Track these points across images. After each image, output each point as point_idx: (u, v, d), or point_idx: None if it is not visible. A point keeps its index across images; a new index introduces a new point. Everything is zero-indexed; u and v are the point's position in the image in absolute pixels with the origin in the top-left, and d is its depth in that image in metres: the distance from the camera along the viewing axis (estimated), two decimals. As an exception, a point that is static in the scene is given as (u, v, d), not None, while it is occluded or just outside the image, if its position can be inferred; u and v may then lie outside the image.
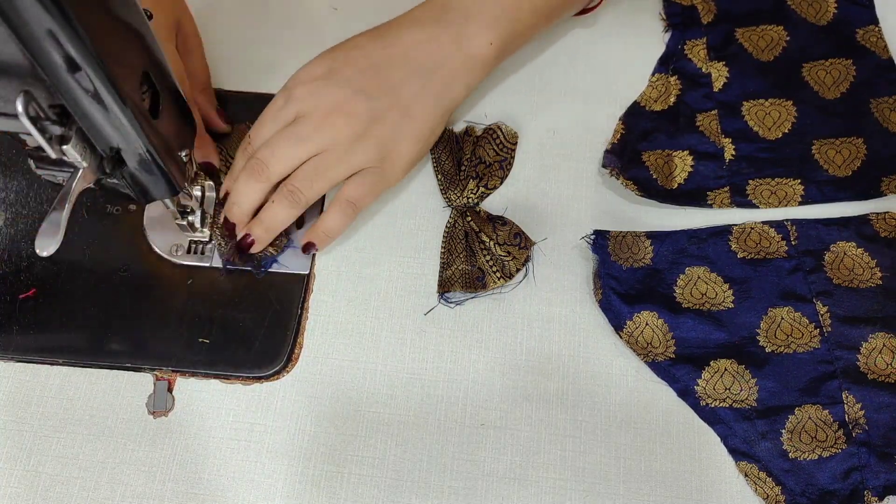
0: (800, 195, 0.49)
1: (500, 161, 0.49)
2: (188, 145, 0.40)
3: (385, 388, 0.44)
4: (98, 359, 0.44)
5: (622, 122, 0.52)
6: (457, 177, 0.48)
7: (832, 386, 0.44)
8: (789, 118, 0.52)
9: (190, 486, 0.42)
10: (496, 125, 0.50)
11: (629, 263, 0.47)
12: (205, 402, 0.44)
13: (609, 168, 0.49)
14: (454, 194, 0.48)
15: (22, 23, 0.26)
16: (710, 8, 0.56)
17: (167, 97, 0.36)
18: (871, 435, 0.43)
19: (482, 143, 0.49)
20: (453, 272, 0.46)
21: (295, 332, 0.45)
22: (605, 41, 0.55)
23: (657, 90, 0.53)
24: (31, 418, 0.43)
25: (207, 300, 0.46)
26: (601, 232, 0.47)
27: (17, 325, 0.44)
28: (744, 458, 0.43)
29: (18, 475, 0.42)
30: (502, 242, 0.46)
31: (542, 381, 0.45)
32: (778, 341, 0.45)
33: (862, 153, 0.50)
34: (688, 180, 0.50)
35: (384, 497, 0.42)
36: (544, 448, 0.43)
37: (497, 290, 0.46)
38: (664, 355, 0.45)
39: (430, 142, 0.47)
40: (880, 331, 0.45)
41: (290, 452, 0.43)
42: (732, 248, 0.48)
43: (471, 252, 0.47)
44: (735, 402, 0.44)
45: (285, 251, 0.47)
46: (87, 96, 0.30)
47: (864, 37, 0.55)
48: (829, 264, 0.47)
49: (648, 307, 0.45)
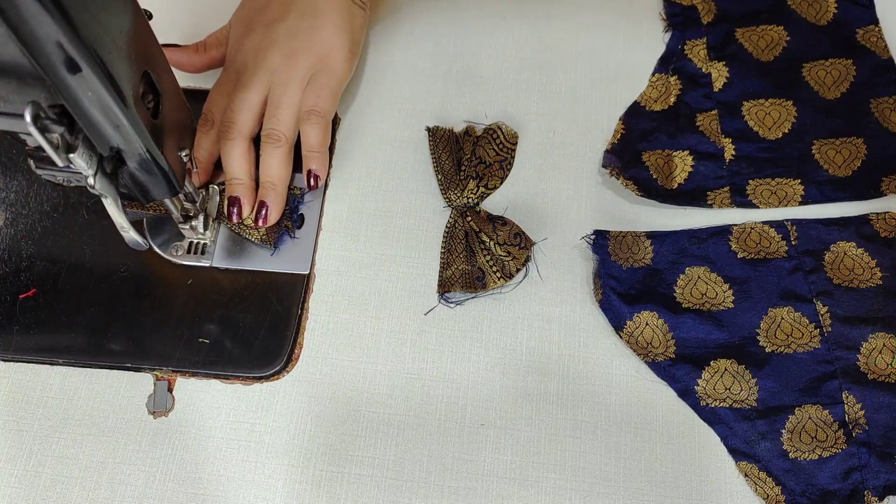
0: (800, 195, 0.49)
1: (500, 161, 0.49)
2: (188, 145, 0.40)
3: (385, 388, 0.44)
4: (98, 359, 0.44)
5: (622, 122, 0.52)
6: (457, 177, 0.48)
7: (832, 386, 0.44)
8: (789, 118, 0.52)
9: (190, 486, 0.42)
10: (496, 125, 0.50)
11: (629, 263, 0.47)
12: (205, 402, 0.44)
13: (609, 168, 0.49)
14: (454, 194, 0.48)
15: (22, 23, 0.26)
16: (710, 8, 0.56)
17: (167, 97, 0.36)
18: (870, 435, 0.43)
19: (482, 143, 0.49)
20: (453, 272, 0.46)
21: (295, 332, 0.45)
22: (605, 41, 0.55)
23: (657, 90, 0.53)
24: (31, 418, 0.43)
25: (207, 300, 0.46)
26: (601, 232, 0.47)
27: (17, 325, 0.44)
28: (744, 459, 0.43)
29: (18, 475, 0.42)
30: (502, 242, 0.46)
31: (542, 381, 0.45)
32: (778, 341, 0.45)
33: (862, 153, 0.50)
34: (688, 180, 0.50)
35: (384, 497, 0.42)
36: (544, 448, 0.43)
37: (497, 290, 0.46)
38: (664, 355, 0.45)
39: (353, 25, 0.49)
40: (880, 331, 0.45)
41: (290, 452, 0.43)
42: (732, 249, 0.48)
43: (471, 252, 0.47)
44: (735, 402, 0.44)
45: (294, 216, 0.48)
46: (87, 97, 0.30)
47: (865, 37, 0.55)
48: (829, 264, 0.47)
49: (648, 307, 0.45)
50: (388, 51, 0.54)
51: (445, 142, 0.50)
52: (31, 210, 0.48)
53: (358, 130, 0.52)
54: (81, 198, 0.48)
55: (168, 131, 0.36)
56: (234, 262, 0.46)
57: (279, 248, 0.47)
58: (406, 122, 0.52)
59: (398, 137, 0.51)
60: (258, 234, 0.46)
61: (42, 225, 0.47)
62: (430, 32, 0.55)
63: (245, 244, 0.47)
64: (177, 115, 0.38)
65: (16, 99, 0.30)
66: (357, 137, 0.51)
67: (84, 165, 0.32)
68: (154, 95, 0.35)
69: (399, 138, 0.51)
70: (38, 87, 0.29)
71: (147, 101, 0.34)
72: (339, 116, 0.52)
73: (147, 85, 0.34)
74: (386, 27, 0.55)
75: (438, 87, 0.53)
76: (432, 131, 0.50)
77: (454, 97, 0.53)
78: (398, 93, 0.53)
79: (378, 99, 0.53)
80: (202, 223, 0.45)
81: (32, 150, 0.34)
